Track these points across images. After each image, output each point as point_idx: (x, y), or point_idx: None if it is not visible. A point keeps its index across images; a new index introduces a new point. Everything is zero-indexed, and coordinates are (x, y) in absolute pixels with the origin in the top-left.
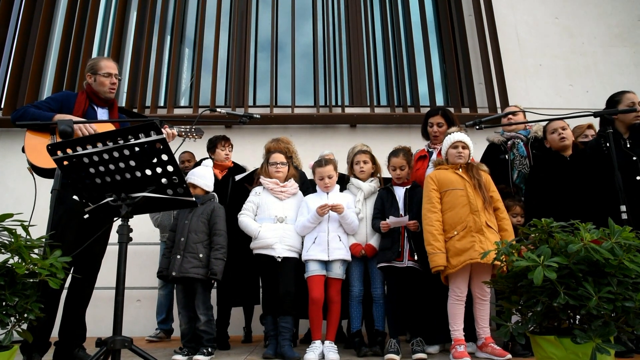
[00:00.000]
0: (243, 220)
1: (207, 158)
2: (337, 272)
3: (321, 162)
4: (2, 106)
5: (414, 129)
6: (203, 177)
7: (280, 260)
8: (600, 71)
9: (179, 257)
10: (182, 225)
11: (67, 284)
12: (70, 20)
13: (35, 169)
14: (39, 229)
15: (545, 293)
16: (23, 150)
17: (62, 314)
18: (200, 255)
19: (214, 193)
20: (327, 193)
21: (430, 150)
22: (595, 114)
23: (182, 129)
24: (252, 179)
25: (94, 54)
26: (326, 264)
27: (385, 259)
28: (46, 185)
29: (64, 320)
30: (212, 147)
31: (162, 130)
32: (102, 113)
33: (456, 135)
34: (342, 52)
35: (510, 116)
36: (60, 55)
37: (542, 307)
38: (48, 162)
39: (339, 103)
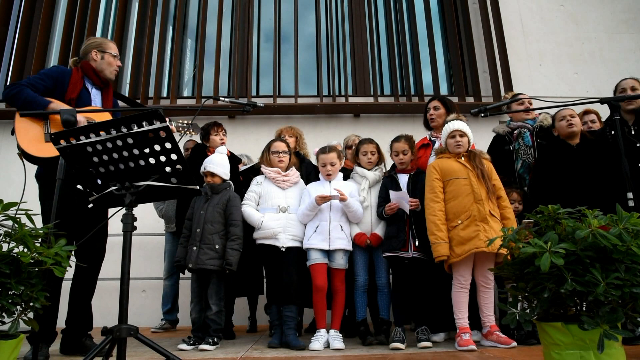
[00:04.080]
0: (245, 210)
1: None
2: (340, 262)
3: (325, 149)
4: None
5: (418, 118)
6: (221, 165)
7: (284, 250)
8: (606, 58)
9: (195, 248)
10: (197, 215)
11: (70, 274)
12: (72, 10)
13: (26, 156)
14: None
15: (552, 280)
16: (12, 133)
17: (68, 303)
18: (217, 247)
19: (229, 181)
20: (330, 181)
21: (432, 139)
22: (601, 101)
23: (180, 124)
24: (258, 172)
25: None
26: (328, 253)
27: (390, 248)
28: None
29: (70, 309)
30: (205, 135)
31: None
32: (95, 94)
33: (452, 125)
34: (345, 42)
35: (514, 105)
36: (62, 42)
37: (549, 294)
38: (42, 151)
39: (343, 93)
